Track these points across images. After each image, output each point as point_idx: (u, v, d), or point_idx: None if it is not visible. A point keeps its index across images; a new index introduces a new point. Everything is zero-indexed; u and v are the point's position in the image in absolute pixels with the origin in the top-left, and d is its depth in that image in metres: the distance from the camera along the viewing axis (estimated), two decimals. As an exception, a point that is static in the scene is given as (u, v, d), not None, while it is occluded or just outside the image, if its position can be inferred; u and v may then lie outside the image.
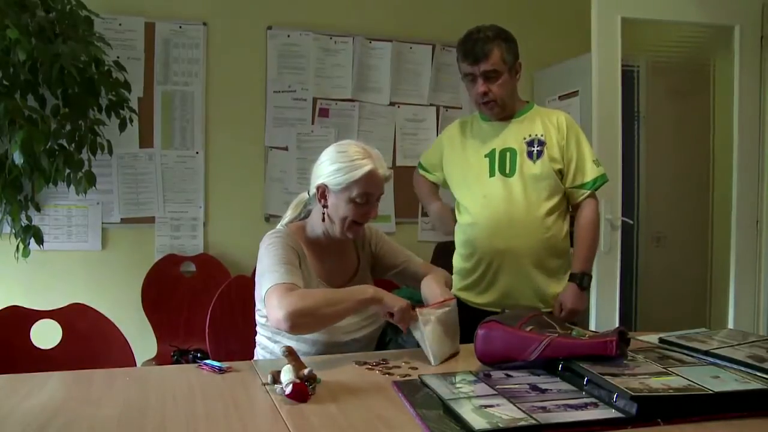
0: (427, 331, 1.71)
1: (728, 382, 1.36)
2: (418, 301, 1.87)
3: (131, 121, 3.27)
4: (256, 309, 1.93)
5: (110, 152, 3.22)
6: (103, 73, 3.07)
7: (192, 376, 1.58)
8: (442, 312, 1.79)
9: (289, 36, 3.90)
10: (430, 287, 1.92)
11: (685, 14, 3.60)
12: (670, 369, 1.45)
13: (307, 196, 1.98)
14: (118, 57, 3.29)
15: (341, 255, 1.99)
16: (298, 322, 1.62)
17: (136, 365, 2.02)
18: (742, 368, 1.50)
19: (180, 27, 3.72)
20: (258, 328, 1.94)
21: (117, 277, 3.63)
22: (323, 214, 1.88)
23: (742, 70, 3.66)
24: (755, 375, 1.44)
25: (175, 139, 3.74)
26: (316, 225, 1.92)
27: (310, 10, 3.94)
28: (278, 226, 1.99)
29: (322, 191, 1.86)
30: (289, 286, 1.68)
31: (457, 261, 2.46)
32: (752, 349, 1.68)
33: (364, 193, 1.82)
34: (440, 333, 1.74)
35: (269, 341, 1.88)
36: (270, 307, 1.67)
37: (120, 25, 3.61)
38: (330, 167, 1.83)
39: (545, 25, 4.25)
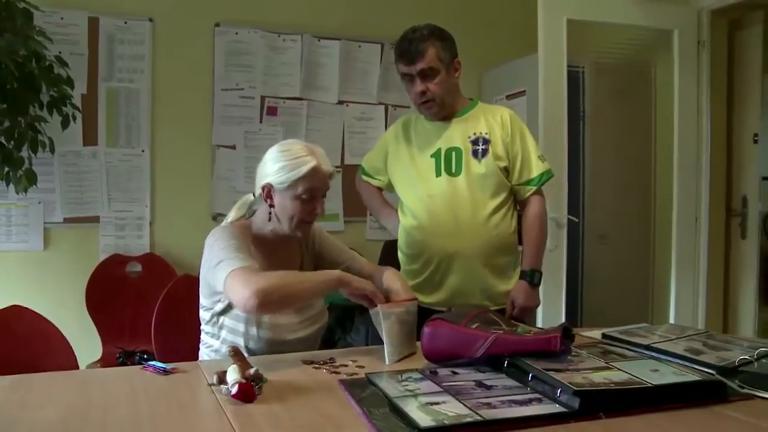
0: (387, 327, 1.71)
1: (666, 375, 1.40)
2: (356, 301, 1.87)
3: (74, 118, 3.18)
4: (200, 306, 1.90)
5: (52, 150, 3.13)
6: (44, 68, 2.98)
7: (136, 378, 1.55)
8: (403, 311, 1.80)
9: (236, 33, 3.86)
10: (393, 281, 1.93)
11: (627, 17, 3.69)
12: (612, 364, 1.48)
13: (252, 197, 1.97)
14: (60, 52, 3.20)
15: (286, 253, 1.98)
16: (266, 300, 1.60)
17: (78, 368, 1.97)
18: (680, 361, 1.55)
19: (125, 23, 3.65)
20: (202, 326, 1.92)
21: (60, 278, 3.55)
22: (270, 213, 1.87)
23: (681, 72, 3.77)
24: (692, 367, 1.49)
25: (120, 136, 3.67)
26: (262, 224, 1.91)
27: (258, 7, 3.91)
28: (222, 224, 1.97)
29: (268, 191, 1.85)
30: (250, 268, 1.68)
31: (403, 261, 2.44)
32: (690, 342, 1.74)
33: (309, 189, 1.82)
34: (398, 331, 1.74)
35: (213, 338, 1.87)
36: (234, 290, 1.65)
37: (62, 19, 3.53)
38: (274, 166, 1.83)
39: (493, 25, 4.30)
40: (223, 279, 1.68)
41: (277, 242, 1.93)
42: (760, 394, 1.35)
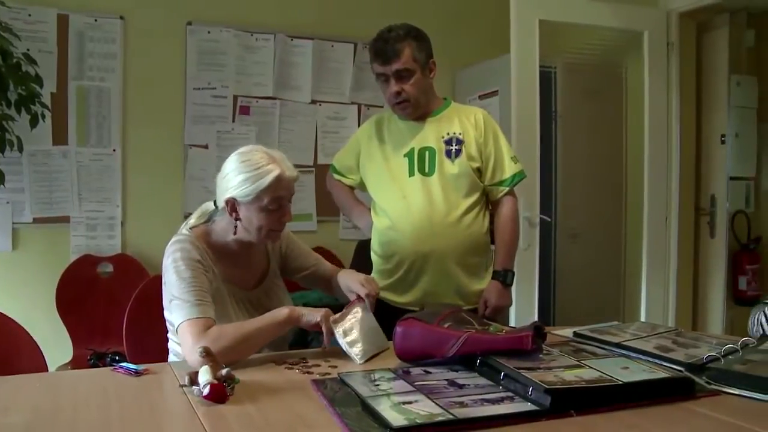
0: (339, 335, 1.71)
1: (636, 372, 1.42)
2: (327, 303, 1.87)
3: (43, 117, 3.15)
4: (164, 311, 1.84)
5: (20, 149, 3.09)
6: (11, 65, 2.94)
7: (107, 380, 1.54)
8: (356, 312, 1.80)
9: (209, 32, 3.83)
10: (350, 275, 1.96)
11: (598, 19, 3.74)
12: (583, 361, 1.49)
13: (213, 206, 1.91)
14: (28, 50, 3.15)
15: (250, 258, 1.94)
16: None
17: (47, 370, 1.95)
18: (650, 359, 1.57)
19: (95, 20, 3.61)
20: (169, 335, 1.88)
21: (29, 279, 3.50)
22: (235, 227, 1.82)
23: (651, 73, 3.82)
24: (661, 365, 1.51)
25: (90, 136, 3.63)
26: (223, 234, 1.86)
27: (231, 6, 3.89)
28: (182, 230, 1.90)
29: (232, 204, 1.80)
30: (202, 323, 1.64)
31: (376, 262, 2.44)
32: (660, 340, 1.76)
33: (276, 199, 1.78)
34: (357, 335, 1.74)
35: (179, 346, 1.82)
36: (185, 346, 1.63)
37: (30, 15, 3.47)
38: (236, 179, 1.77)
39: (466, 25, 4.32)
40: (177, 324, 1.67)
41: (241, 250, 1.89)
42: (727, 390, 1.37)
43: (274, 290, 1.98)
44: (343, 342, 1.71)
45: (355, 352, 1.70)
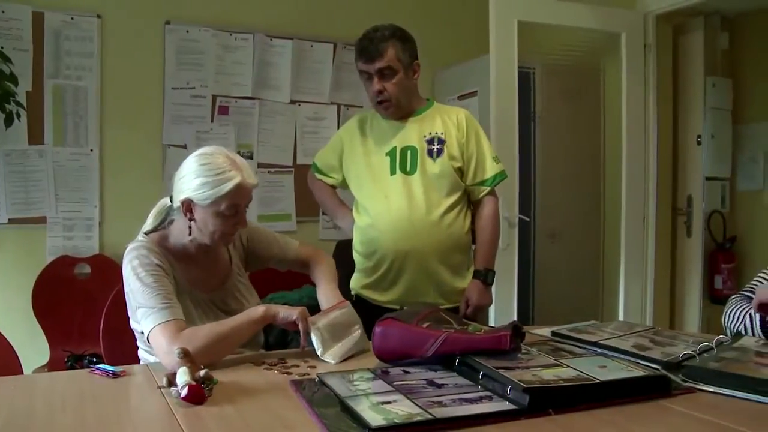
0: (314, 336, 1.71)
1: (614, 370, 1.43)
2: (308, 305, 1.86)
3: (18, 116, 3.11)
4: (131, 321, 1.82)
5: (-6, 148, 3.06)
6: (-15, 64, 2.91)
7: (83, 382, 1.52)
8: (333, 316, 1.80)
9: (187, 31, 3.81)
10: (326, 295, 1.94)
11: (577, 20, 3.76)
12: (561, 361, 1.50)
13: (169, 203, 1.86)
14: (2, 47, 3.12)
15: (211, 259, 1.91)
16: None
17: (23, 373, 1.92)
18: (627, 357, 1.58)
19: (72, 18, 3.57)
20: (138, 343, 1.85)
21: (4, 281, 3.45)
22: (189, 228, 1.80)
23: (629, 74, 3.86)
24: (638, 363, 1.52)
25: (67, 135, 3.59)
26: (180, 236, 1.83)
27: (210, 5, 3.87)
28: (138, 237, 1.87)
29: (188, 206, 1.76)
30: (173, 325, 1.62)
31: (358, 260, 2.45)
32: (637, 338, 1.78)
33: (233, 206, 1.75)
34: (329, 337, 1.73)
35: (149, 354, 1.79)
36: (159, 350, 1.61)
37: (2, 12, 3.43)
38: (194, 182, 1.73)
39: (446, 26, 4.34)
40: (147, 331, 1.64)
41: (199, 252, 1.86)
42: (702, 387, 1.39)
43: (239, 288, 1.95)
44: (316, 341, 1.70)
45: (329, 352, 1.70)
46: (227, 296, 1.91)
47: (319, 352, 1.70)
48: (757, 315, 1.79)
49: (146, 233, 1.87)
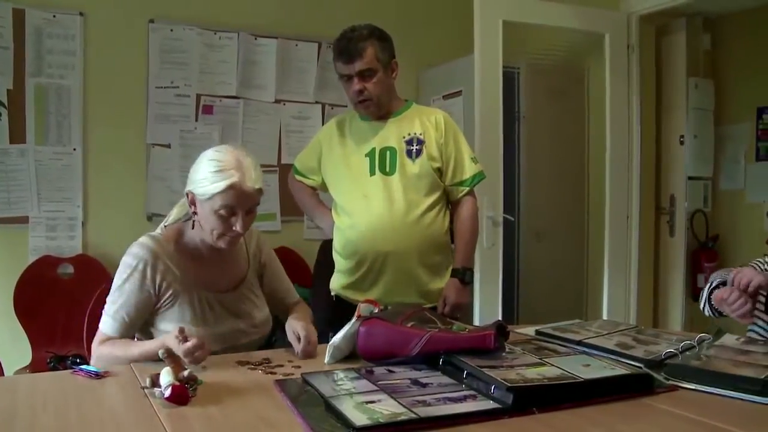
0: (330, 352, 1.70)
1: (597, 369, 1.44)
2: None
3: None
4: None
5: (-25, 148, 3.02)
6: (-34, 62, 2.88)
7: (66, 383, 1.51)
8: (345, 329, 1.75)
9: (171, 30, 3.79)
10: (292, 322, 1.86)
11: (561, 20, 3.78)
12: (545, 359, 1.51)
13: None
14: (-18, 45, 3.09)
15: (224, 260, 1.91)
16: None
17: (3, 374, 1.91)
18: (610, 356, 1.60)
19: (54, 16, 3.53)
20: None
21: (-15, 281, 3.42)
22: (193, 221, 1.82)
23: (612, 74, 3.88)
24: (621, 361, 1.54)
25: (50, 134, 3.55)
26: (195, 232, 1.84)
27: (194, 4, 3.85)
28: (158, 229, 1.90)
29: (192, 198, 1.78)
30: (102, 337, 1.77)
31: (338, 260, 2.45)
32: (621, 337, 1.80)
33: (227, 206, 1.73)
34: (345, 347, 1.70)
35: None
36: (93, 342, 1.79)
37: (-18, 9, 3.39)
38: (197, 175, 1.76)
39: (431, 26, 4.34)
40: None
41: (210, 253, 1.86)
42: (684, 385, 1.41)
43: (250, 297, 1.94)
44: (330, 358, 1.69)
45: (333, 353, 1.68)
46: (238, 301, 1.90)
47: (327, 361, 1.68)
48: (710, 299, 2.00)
49: (165, 226, 1.90)
